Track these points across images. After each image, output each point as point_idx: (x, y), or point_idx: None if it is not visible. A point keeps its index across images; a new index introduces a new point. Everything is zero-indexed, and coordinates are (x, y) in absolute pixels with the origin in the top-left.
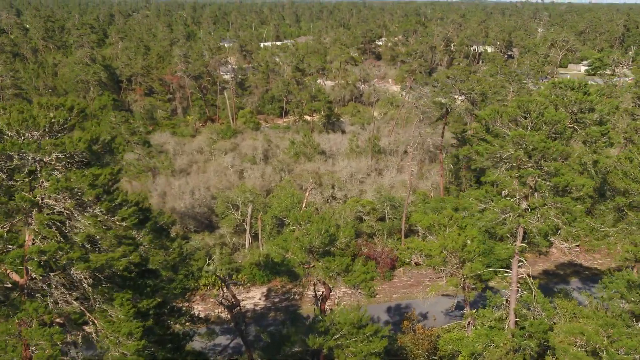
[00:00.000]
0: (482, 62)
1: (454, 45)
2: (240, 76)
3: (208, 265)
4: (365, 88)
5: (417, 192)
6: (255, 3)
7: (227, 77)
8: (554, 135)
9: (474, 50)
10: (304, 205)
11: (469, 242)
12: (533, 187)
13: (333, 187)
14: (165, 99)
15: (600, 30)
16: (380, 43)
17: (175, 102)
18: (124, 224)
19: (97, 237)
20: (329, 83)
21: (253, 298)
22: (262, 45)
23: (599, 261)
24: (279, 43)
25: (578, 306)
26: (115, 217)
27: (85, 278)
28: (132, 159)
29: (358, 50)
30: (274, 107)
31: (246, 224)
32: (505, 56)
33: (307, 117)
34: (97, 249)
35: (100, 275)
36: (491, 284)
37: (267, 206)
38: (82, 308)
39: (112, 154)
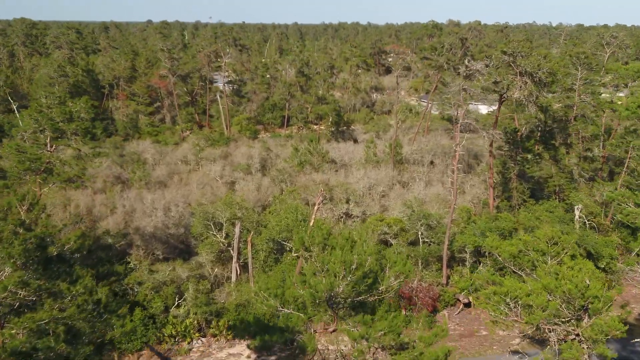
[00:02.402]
0: None
1: (471, 54)
2: (236, 82)
3: (178, 307)
4: (377, 97)
5: (457, 208)
6: (260, 23)
7: (221, 85)
8: None
9: None
10: (312, 221)
11: (587, 281)
12: None
13: (348, 202)
14: (146, 102)
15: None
16: (390, 59)
17: (164, 109)
18: None
19: None
20: (337, 94)
21: (239, 356)
22: (263, 60)
23: None
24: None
25: None
26: None
27: None
28: (68, 156)
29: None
30: (275, 116)
31: (232, 250)
32: None
33: (313, 126)
34: None
35: None
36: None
37: (261, 225)
38: None
39: None
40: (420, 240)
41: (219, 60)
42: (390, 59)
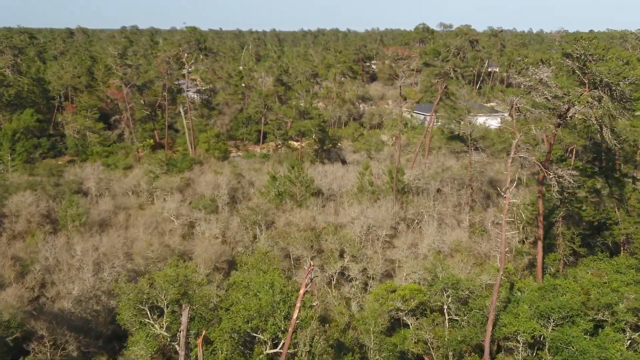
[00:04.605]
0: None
1: (465, 59)
2: (205, 92)
3: None
4: (365, 107)
5: (488, 266)
6: (237, 30)
7: (190, 94)
8: None
9: (488, 68)
10: (296, 313)
11: None
12: None
13: (342, 256)
14: (95, 116)
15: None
16: (374, 66)
17: (122, 124)
18: None
19: None
20: (320, 105)
21: None
22: (241, 68)
23: None
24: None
25: None
26: None
27: None
28: None
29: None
30: (250, 131)
31: (179, 346)
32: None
33: (294, 143)
34: None
35: None
36: None
37: (221, 308)
38: None
39: None
40: (446, 316)
41: (182, 67)
42: (374, 66)
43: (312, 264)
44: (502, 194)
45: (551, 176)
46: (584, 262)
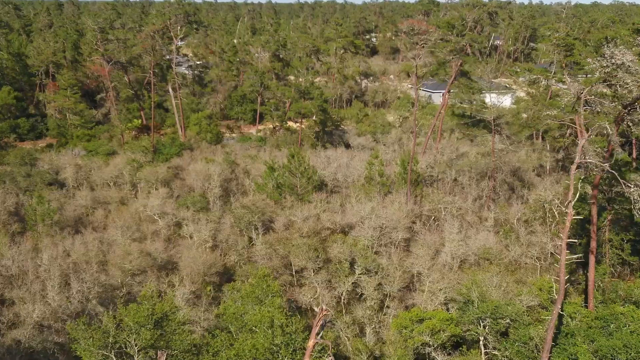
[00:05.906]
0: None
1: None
2: (197, 68)
3: None
4: (367, 84)
5: (529, 282)
6: (232, 2)
7: (182, 69)
8: None
9: (495, 42)
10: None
11: None
12: None
13: (352, 265)
14: (75, 95)
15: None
16: (374, 39)
17: (108, 102)
18: None
19: None
20: (320, 81)
21: None
22: (235, 42)
23: None
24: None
25: None
26: None
27: None
28: None
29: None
30: (245, 110)
31: None
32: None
33: (293, 124)
34: None
35: None
36: None
37: (207, 350)
38: None
39: None
40: (482, 349)
41: (171, 41)
42: (374, 39)
43: (324, 308)
44: (564, 208)
45: (632, 190)
46: (638, 275)
